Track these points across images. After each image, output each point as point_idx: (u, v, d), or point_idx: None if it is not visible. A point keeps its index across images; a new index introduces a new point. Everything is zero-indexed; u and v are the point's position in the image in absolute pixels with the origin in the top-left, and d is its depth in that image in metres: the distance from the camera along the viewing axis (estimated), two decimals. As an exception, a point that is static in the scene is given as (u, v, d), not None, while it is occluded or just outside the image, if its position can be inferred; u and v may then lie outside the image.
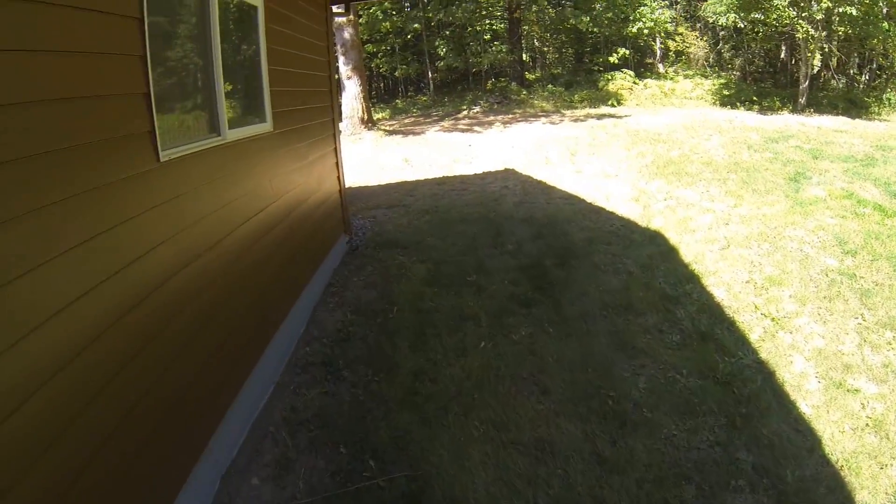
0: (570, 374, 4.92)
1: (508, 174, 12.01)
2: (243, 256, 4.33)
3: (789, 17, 19.04)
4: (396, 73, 28.58)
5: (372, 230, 9.22)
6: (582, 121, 17.81)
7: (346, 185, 13.03)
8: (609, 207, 9.17)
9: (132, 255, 2.79)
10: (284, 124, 5.50)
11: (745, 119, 17.11)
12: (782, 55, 26.92)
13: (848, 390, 4.75)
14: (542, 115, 20.01)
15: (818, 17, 18.48)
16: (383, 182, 12.85)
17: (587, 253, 7.38)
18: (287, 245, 5.56)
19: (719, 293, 6.28)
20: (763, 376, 4.93)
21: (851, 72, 25.01)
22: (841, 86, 24.34)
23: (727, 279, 6.57)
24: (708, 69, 27.61)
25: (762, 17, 19.98)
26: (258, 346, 4.62)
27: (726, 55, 28.77)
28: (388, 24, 24.61)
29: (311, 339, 5.58)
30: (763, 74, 28.33)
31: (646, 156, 12.26)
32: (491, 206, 9.73)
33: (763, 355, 5.22)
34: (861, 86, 24.01)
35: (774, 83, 26.24)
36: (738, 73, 27.35)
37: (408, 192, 11.47)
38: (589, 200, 9.53)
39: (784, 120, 17.32)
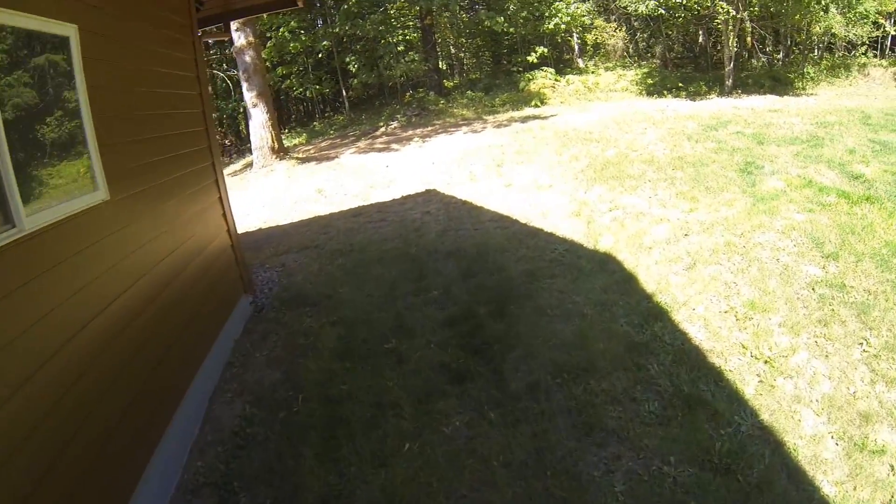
0: (524, 484, 3.66)
1: (430, 196, 10.71)
2: (88, 373, 3.22)
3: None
4: (309, 94, 27.00)
5: (279, 283, 7.86)
6: (506, 125, 16.58)
7: (258, 226, 11.76)
8: (548, 227, 7.93)
9: None
10: (131, 185, 4.11)
11: (677, 107, 16.22)
12: (700, 39, 26.51)
13: (872, 451, 3.74)
14: (464, 124, 18.73)
15: (737, -2, 17.92)
16: (296, 219, 11.41)
17: (529, 293, 6.12)
18: (164, 331, 4.42)
19: (696, 331, 5.09)
20: (770, 448, 3.81)
21: (769, 49, 24.69)
22: (761, 64, 23.95)
23: (701, 311, 5.39)
24: (628, 60, 26.95)
25: (682, 2, 19.23)
26: (129, 478, 3.48)
27: (643, 44, 28.24)
28: (296, 44, 22.97)
29: (206, 445, 4.44)
30: (683, 60, 27.85)
31: (580, 159, 11.12)
32: (412, 238, 8.41)
33: (765, 417, 4.06)
34: (779, 62, 23.63)
35: (695, 67, 25.72)
36: (658, 62, 26.77)
37: (321, 229, 10.07)
38: (523, 221, 8.29)
39: (716, 104, 16.53)
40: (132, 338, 3.80)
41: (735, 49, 20.82)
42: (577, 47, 27.70)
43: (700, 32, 25.85)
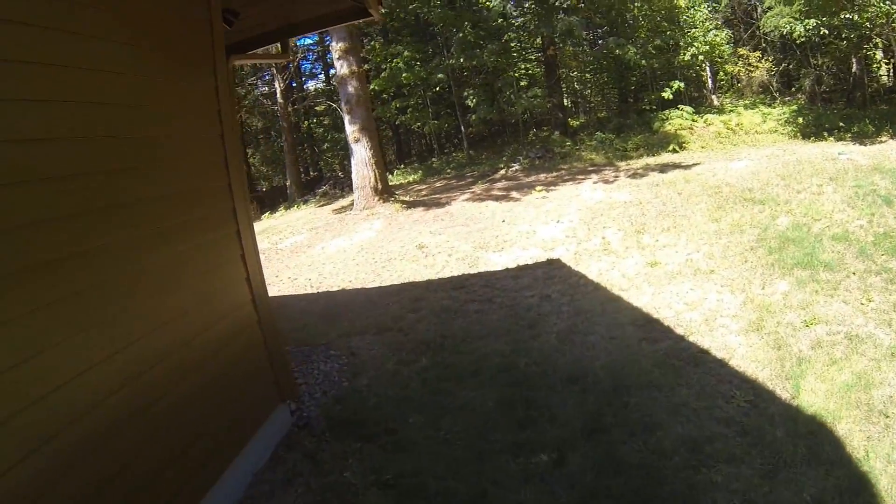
0: None
1: (552, 270, 8.45)
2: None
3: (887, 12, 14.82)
4: (427, 129, 25.41)
5: (338, 384, 5.97)
6: (641, 175, 13.97)
7: (342, 286, 9.95)
8: (715, 349, 5.43)
9: None
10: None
11: (851, 154, 13.01)
12: (854, 68, 22.40)
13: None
14: (593, 171, 16.25)
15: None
16: (386, 282, 9.51)
17: (689, 488, 3.75)
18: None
19: None
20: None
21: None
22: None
23: None
24: (767, 96, 23.36)
25: (851, 18, 15.71)
26: None
27: (785, 77, 24.52)
28: (409, 75, 21.39)
29: None
30: (833, 94, 23.90)
31: (744, 229, 8.50)
32: (523, 338, 6.20)
33: None
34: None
35: (848, 102, 21.78)
36: (803, 97, 23.01)
37: (412, 303, 8.09)
38: (679, 331, 5.81)
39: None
40: None
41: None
42: (710, 81, 24.48)
43: (854, 60, 21.91)
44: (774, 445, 4.14)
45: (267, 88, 27.59)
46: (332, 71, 14.80)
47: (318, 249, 12.30)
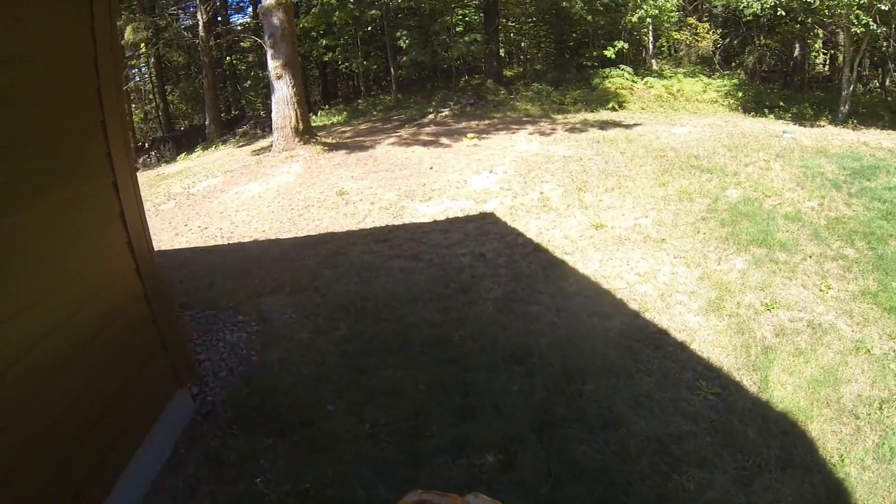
0: None
1: (486, 225, 7.72)
2: None
3: (845, 4, 14.65)
4: (355, 69, 23.90)
5: (247, 357, 5.09)
6: (581, 130, 13.31)
7: (254, 237, 8.85)
8: (675, 330, 4.86)
9: None
10: None
11: (794, 134, 12.76)
12: (796, 53, 22.70)
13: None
14: (528, 122, 15.41)
15: (885, 8, 14.28)
16: (303, 232, 8.56)
17: (674, 496, 3.19)
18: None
19: None
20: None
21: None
22: (869, 90, 20.43)
23: None
24: (706, 67, 23.15)
25: (811, 3, 15.39)
26: None
27: (725, 52, 24.45)
28: (343, 13, 19.85)
29: None
30: (773, 74, 24.17)
31: (693, 197, 7.96)
32: (455, 305, 5.46)
33: None
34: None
35: (784, 84, 22.10)
36: (743, 72, 23.03)
37: (330, 258, 7.23)
38: (633, 306, 5.20)
39: (839, 137, 12.75)
40: None
41: (858, 70, 17.17)
42: (651, 46, 23.80)
43: (797, 45, 22.12)
44: (747, 447, 3.62)
45: (191, 21, 25.21)
46: (259, 4, 13.41)
47: (232, 195, 11.15)
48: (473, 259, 6.56)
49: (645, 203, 7.79)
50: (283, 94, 13.03)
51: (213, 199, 11.09)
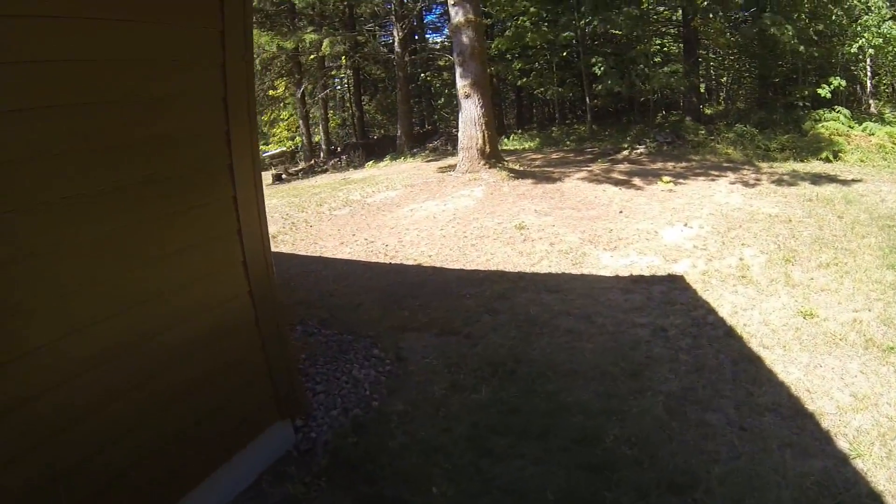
0: None
1: (673, 292, 6.68)
2: None
3: None
4: (550, 96, 23.26)
5: (367, 401, 4.71)
6: (789, 183, 11.58)
7: (419, 262, 8.38)
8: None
9: None
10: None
11: None
12: None
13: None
14: (729, 168, 13.78)
15: None
16: (471, 264, 8.08)
17: None
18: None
19: None
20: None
21: None
22: None
23: None
24: None
25: None
26: None
27: None
28: (535, 35, 19.26)
29: None
30: None
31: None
32: (619, 393, 4.55)
33: None
34: None
35: None
36: None
37: (492, 301, 6.66)
38: (840, 444, 3.85)
39: None
40: None
41: None
42: (868, 83, 20.11)
43: None
44: None
45: (389, 39, 26.30)
46: (449, 22, 13.27)
47: (407, 211, 10.98)
48: (653, 334, 5.62)
49: (868, 290, 6.32)
50: (470, 115, 12.74)
51: (386, 213, 10.98)
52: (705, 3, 17.91)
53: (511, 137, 21.46)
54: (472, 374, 5.06)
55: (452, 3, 12.94)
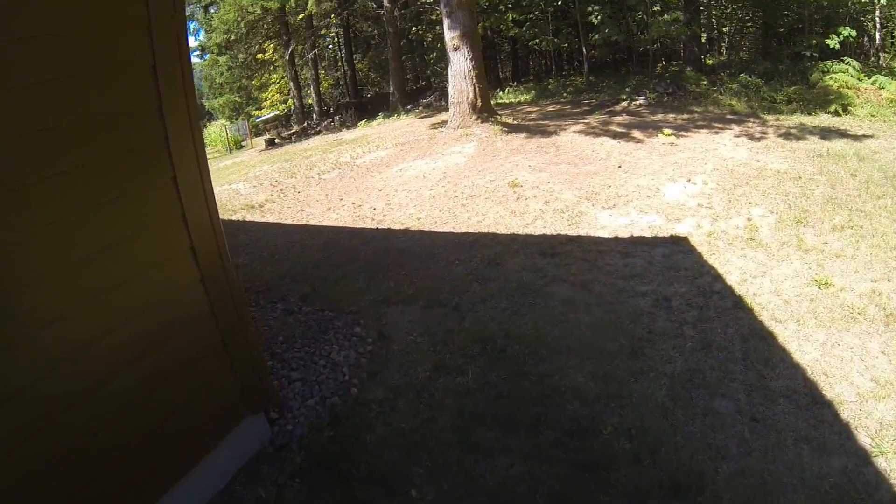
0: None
1: (677, 255, 6.19)
2: None
3: None
4: (545, 47, 22.21)
5: (346, 387, 4.29)
6: (797, 137, 10.89)
7: (406, 226, 7.92)
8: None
9: None
10: None
11: None
12: None
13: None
14: (733, 120, 13.00)
15: None
16: (461, 226, 7.60)
17: None
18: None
19: None
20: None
21: None
22: None
23: None
24: None
25: None
26: None
27: None
28: None
29: None
30: None
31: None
32: (618, 375, 4.10)
33: None
34: None
35: None
36: None
37: (482, 267, 6.21)
38: (861, 439, 3.40)
39: None
40: None
41: None
42: (878, 36, 19.13)
43: None
44: None
45: None
46: None
47: (396, 171, 10.42)
48: (655, 304, 5.15)
49: (887, 257, 5.81)
50: (460, 67, 12.04)
51: (375, 174, 10.46)
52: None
53: (506, 91, 20.65)
54: (458, 352, 4.62)
55: (440, -52, 12.11)
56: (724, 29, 25.15)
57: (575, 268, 6.02)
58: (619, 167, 9.36)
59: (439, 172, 9.83)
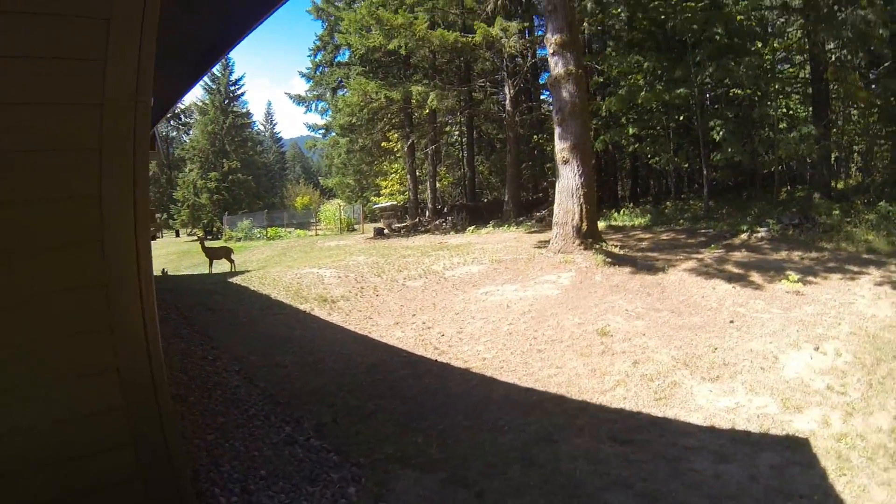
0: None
1: (790, 469, 4.40)
2: None
3: None
4: (663, 164, 20.17)
5: None
6: None
7: (468, 366, 6.56)
8: None
9: None
10: None
11: None
12: None
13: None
14: (871, 261, 10.59)
15: None
16: (525, 381, 6.34)
17: None
18: None
19: None
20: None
21: None
22: None
23: None
24: None
25: None
26: None
27: None
28: (649, 94, 16.46)
29: None
30: None
31: None
32: None
33: None
34: None
35: None
36: None
37: (532, 443, 4.90)
38: None
39: None
40: None
41: None
42: None
43: None
44: None
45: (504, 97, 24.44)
46: (548, 74, 11.65)
47: (481, 293, 9.41)
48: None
49: None
50: (568, 184, 10.95)
51: (459, 292, 9.51)
52: (838, 52, 14.71)
53: (622, 212, 19.12)
54: None
55: (552, 52, 11.25)
56: (856, 147, 21.48)
57: (648, 468, 4.54)
58: (731, 322, 7.79)
59: (526, 304, 8.68)
